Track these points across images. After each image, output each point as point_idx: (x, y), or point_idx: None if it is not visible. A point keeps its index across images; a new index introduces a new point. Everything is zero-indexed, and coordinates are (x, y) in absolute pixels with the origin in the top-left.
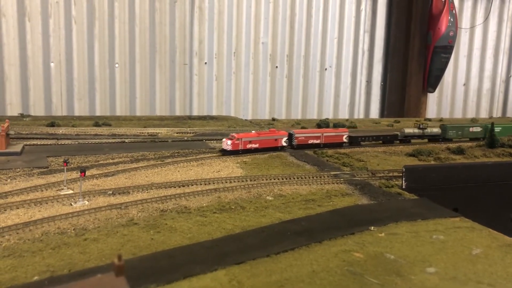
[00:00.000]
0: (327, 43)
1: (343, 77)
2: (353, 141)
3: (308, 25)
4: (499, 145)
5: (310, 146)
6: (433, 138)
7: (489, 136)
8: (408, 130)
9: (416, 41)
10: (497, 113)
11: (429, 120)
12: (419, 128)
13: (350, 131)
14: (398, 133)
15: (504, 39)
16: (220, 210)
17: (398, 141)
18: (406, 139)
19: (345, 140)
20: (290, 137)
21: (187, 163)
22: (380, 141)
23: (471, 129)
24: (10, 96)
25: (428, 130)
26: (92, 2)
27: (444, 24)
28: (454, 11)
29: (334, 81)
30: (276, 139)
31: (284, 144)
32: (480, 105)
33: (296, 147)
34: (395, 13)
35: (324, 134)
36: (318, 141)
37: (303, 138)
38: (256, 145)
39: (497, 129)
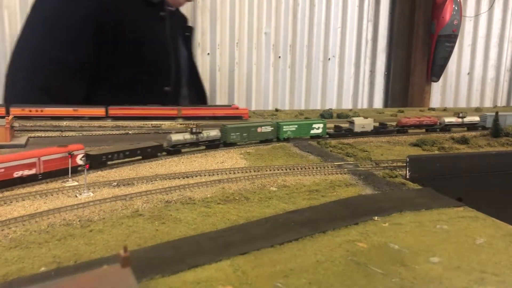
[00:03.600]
0: (330, 32)
1: (346, 67)
2: (95, 162)
3: (311, 14)
4: (503, 134)
5: (17, 181)
6: (211, 144)
7: (493, 125)
8: (177, 137)
9: (420, 30)
10: (501, 102)
11: (433, 109)
12: (191, 133)
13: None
14: (165, 142)
15: (509, 28)
16: (224, 201)
17: (164, 153)
18: (174, 149)
19: (80, 162)
20: None
21: (191, 154)
22: (139, 157)
23: (259, 129)
24: None
25: (204, 134)
26: None
27: (448, 12)
28: (458, 0)
29: (338, 71)
30: None
31: None
32: (484, 94)
33: None
34: (399, 2)
35: (43, 159)
36: (32, 171)
37: None
38: None
39: (291, 128)
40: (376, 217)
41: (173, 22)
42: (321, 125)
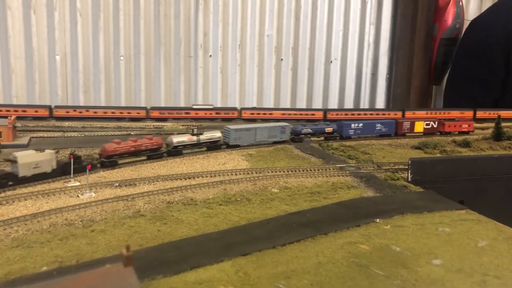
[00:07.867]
0: (332, 35)
1: (348, 70)
2: None
3: (313, 17)
4: (505, 138)
5: None
6: None
7: (495, 129)
8: None
9: (422, 33)
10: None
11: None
12: None
13: None
14: None
15: None
16: (226, 202)
17: None
18: None
19: None
20: None
21: (193, 155)
22: None
23: None
24: (16, 88)
25: None
26: None
27: (450, 16)
28: (460, 3)
29: (339, 74)
30: None
31: None
32: None
33: None
34: (401, 4)
35: None
36: None
37: None
38: None
39: None
40: (378, 219)
41: None
42: None
